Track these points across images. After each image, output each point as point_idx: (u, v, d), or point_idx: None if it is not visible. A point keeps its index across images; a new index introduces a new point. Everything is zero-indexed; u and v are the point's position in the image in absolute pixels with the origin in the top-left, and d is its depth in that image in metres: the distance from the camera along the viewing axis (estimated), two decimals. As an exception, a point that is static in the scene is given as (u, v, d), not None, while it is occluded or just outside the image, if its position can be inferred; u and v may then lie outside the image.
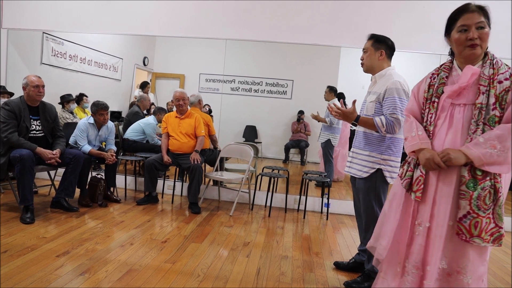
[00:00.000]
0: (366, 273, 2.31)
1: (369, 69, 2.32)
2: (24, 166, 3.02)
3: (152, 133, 4.85)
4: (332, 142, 4.90)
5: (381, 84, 2.23)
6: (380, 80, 2.26)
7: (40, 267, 2.24)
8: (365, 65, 2.32)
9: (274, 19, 4.09)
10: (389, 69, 2.27)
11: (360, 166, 2.28)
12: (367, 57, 2.30)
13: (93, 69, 6.00)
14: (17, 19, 4.43)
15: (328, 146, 4.92)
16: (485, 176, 1.43)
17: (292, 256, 2.80)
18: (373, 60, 2.28)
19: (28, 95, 3.24)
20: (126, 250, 2.64)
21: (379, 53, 2.27)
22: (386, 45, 2.29)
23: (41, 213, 3.28)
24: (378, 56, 2.27)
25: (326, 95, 5.02)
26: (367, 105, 2.28)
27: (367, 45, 2.31)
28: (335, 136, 4.91)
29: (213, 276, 2.34)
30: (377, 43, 2.28)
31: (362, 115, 2.31)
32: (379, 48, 2.27)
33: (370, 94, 2.30)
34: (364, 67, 2.34)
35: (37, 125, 3.34)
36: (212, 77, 7.00)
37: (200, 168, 3.83)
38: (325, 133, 4.94)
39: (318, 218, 3.98)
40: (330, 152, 4.94)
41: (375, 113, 2.21)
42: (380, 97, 2.19)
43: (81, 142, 3.69)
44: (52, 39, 5.07)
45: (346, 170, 2.40)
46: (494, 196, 1.44)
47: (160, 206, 3.93)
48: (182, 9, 4.24)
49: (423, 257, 1.55)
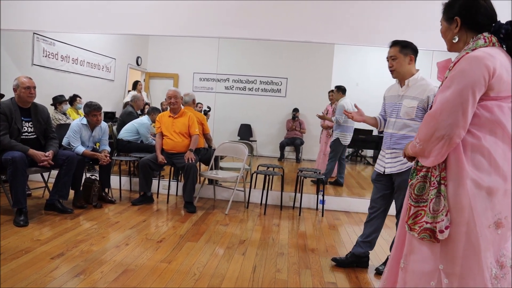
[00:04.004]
0: None
1: (400, 75, 2.37)
2: (17, 169, 2.99)
3: (146, 133, 4.82)
4: (341, 141, 4.84)
5: (419, 90, 2.29)
6: (415, 85, 2.33)
7: (34, 270, 2.22)
8: (396, 71, 2.36)
9: (267, 17, 4.09)
10: (419, 74, 2.36)
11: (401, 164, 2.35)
12: (398, 64, 2.34)
13: (86, 69, 5.95)
14: (6, 19, 4.38)
15: (336, 145, 4.87)
16: (422, 166, 1.42)
17: (288, 253, 2.81)
18: (404, 66, 2.34)
19: (19, 96, 3.21)
20: (122, 250, 2.63)
21: (409, 58, 2.33)
22: (412, 49, 2.35)
23: (35, 216, 3.25)
24: (408, 61, 2.34)
25: (334, 95, 5.02)
26: (406, 109, 2.32)
27: (394, 52, 2.35)
28: (344, 135, 4.85)
29: (209, 274, 2.34)
30: (405, 49, 2.33)
31: (395, 116, 2.38)
32: (407, 53, 2.33)
33: (405, 98, 2.34)
34: (395, 73, 2.38)
35: (29, 127, 3.31)
36: (206, 76, 6.97)
37: (194, 167, 3.82)
38: (335, 132, 4.91)
39: (314, 215, 3.99)
40: (338, 152, 4.88)
41: (416, 117, 2.28)
42: (423, 103, 2.26)
43: (74, 143, 3.67)
44: (43, 39, 5.02)
45: (388, 171, 2.41)
46: (427, 188, 1.39)
47: (155, 206, 3.92)
48: (174, 8, 4.22)
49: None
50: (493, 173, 1.31)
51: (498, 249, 1.34)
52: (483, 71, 1.27)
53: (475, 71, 1.28)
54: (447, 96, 1.31)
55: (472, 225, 1.30)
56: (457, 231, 1.32)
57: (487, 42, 1.34)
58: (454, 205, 1.32)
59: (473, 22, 1.39)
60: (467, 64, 1.30)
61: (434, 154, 1.34)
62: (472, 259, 1.30)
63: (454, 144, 1.31)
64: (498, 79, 1.29)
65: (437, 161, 1.35)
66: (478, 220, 1.30)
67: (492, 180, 1.30)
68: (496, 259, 1.34)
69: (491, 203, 1.30)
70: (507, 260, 1.35)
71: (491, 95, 1.31)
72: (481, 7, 1.38)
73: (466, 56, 1.32)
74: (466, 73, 1.29)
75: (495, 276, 1.33)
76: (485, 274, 1.30)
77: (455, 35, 1.44)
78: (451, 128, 1.29)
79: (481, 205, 1.29)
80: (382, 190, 2.51)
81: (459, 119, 1.28)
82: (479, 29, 1.39)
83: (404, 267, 1.45)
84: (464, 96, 1.28)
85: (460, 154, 1.32)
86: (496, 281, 1.33)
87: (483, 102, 1.32)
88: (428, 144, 1.35)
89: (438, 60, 1.61)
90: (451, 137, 1.29)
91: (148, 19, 4.23)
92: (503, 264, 1.35)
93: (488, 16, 1.38)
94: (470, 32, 1.41)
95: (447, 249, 1.34)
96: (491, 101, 1.32)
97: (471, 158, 1.32)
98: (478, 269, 1.30)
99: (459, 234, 1.31)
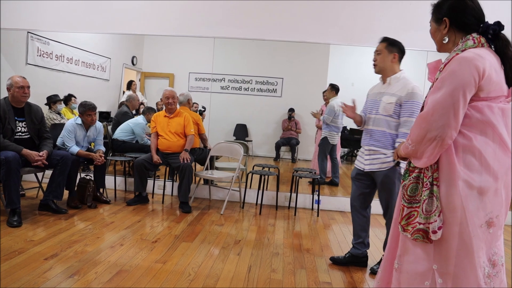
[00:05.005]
0: None
1: (381, 70, 2.41)
2: (10, 169, 2.96)
3: (142, 133, 4.81)
4: (329, 140, 4.88)
5: (399, 87, 2.33)
6: (396, 83, 2.36)
7: (27, 271, 2.20)
8: (378, 66, 2.41)
9: (262, 17, 4.09)
10: (402, 73, 2.39)
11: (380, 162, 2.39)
12: (380, 59, 2.39)
13: (81, 69, 5.92)
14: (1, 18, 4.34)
15: (324, 144, 4.91)
16: (415, 167, 1.43)
17: (283, 253, 2.82)
18: (386, 62, 2.38)
19: (12, 96, 3.19)
20: (116, 251, 2.61)
21: (392, 55, 2.37)
22: (399, 48, 2.39)
23: (29, 216, 3.23)
24: (391, 59, 2.37)
25: (327, 93, 5.03)
26: (385, 105, 2.36)
27: (380, 47, 2.40)
28: (332, 134, 4.89)
29: (204, 275, 2.34)
30: (391, 46, 2.37)
31: (376, 114, 2.41)
32: (392, 51, 2.37)
33: (385, 95, 2.38)
34: (376, 68, 2.43)
35: (23, 126, 3.28)
36: (201, 76, 6.96)
37: (190, 167, 3.81)
38: (324, 131, 4.93)
39: (309, 215, 4.00)
40: (325, 150, 4.93)
41: (394, 114, 2.33)
42: (401, 100, 2.30)
43: (68, 143, 3.64)
44: (37, 38, 4.98)
45: (367, 169, 2.45)
46: (420, 188, 1.40)
47: (150, 206, 3.91)
48: (170, 8, 4.21)
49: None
50: (484, 172, 1.32)
51: (490, 247, 1.35)
52: (473, 72, 1.28)
53: (465, 73, 1.28)
54: (438, 98, 1.31)
55: (464, 225, 1.31)
56: (450, 232, 1.33)
57: (476, 43, 1.36)
58: (447, 206, 1.33)
59: (461, 22, 1.41)
60: (457, 65, 1.31)
61: (427, 155, 1.35)
62: (466, 258, 1.31)
63: (446, 145, 1.32)
64: (487, 79, 1.30)
65: (430, 162, 1.35)
66: (470, 220, 1.31)
67: (483, 180, 1.31)
68: (488, 258, 1.35)
69: (483, 202, 1.32)
70: (499, 258, 1.37)
71: (481, 96, 1.32)
72: (469, 8, 1.40)
73: (456, 57, 1.33)
74: (457, 75, 1.30)
75: (488, 274, 1.34)
76: (478, 273, 1.31)
77: (445, 36, 1.45)
78: (443, 129, 1.29)
79: (473, 205, 1.31)
80: (361, 189, 2.54)
81: (450, 120, 1.29)
82: (468, 29, 1.40)
83: (398, 268, 1.46)
84: (455, 97, 1.29)
85: (452, 155, 1.33)
86: (489, 279, 1.34)
87: (474, 103, 1.33)
88: (421, 146, 1.36)
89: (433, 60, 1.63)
90: (443, 138, 1.30)
91: (143, 18, 4.22)
92: (495, 263, 1.36)
93: (476, 17, 1.40)
94: (459, 33, 1.42)
95: (441, 249, 1.34)
96: (481, 101, 1.33)
97: (462, 158, 1.33)
98: (471, 268, 1.31)
99: (452, 234, 1.32)
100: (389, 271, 1.53)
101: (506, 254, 3.12)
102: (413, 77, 2.43)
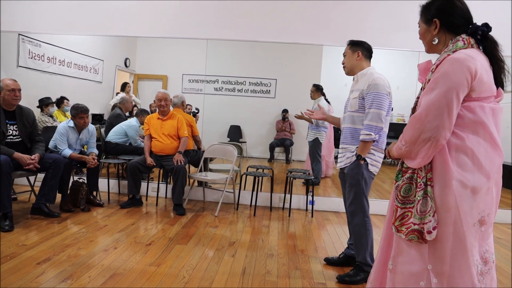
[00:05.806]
0: (358, 265, 2.39)
1: (350, 70, 2.51)
2: (1, 172, 2.93)
3: (135, 135, 4.78)
4: (320, 140, 4.92)
5: (363, 82, 2.40)
6: (362, 78, 2.44)
7: (19, 276, 2.18)
8: (346, 67, 2.52)
9: (255, 18, 4.10)
10: (369, 69, 2.46)
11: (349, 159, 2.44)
12: (346, 60, 2.51)
13: (73, 71, 5.87)
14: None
15: (315, 145, 4.93)
16: (408, 168, 1.44)
17: (277, 254, 2.82)
18: (352, 61, 2.48)
19: (3, 99, 3.16)
20: (110, 254, 2.60)
21: (356, 54, 2.46)
22: (362, 46, 2.48)
23: (21, 220, 3.20)
24: (355, 57, 2.47)
25: (312, 94, 5.05)
26: (351, 101, 2.45)
27: (345, 49, 2.53)
28: (321, 134, 4.93)
29: (198, 277, 2.33)
30: (354, 46, 2.49)
31: (346, 112, 2.49)
32: (355, 50, 2.47)
33: (353, 92, 2.47)
34: (345, 69, 2.54)
35: (14, 130, 3.25)
36: (195, 77, 6.94)
37: (184, 169, 3.80)
38: (312, 132, 4.96)
39: (303, 216, 4.01)
40: (318, 151, 4.95)
41: (359, 108, 2.38)
42: (363, 93, 2.36)
43: (61, 146, 3.61)
44: (28, 41, 4.94)
45: (338, 166, 2.54)
46: (414, 189, 1.40)
47: (144, 208, 3.89)
48: (162, 9, 4.20)
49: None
50: (476, 172, 1.33)
51: (482, 245, 1.37)
52: (465, 73, 1.29)
53: (458, 73, 1.30)
54: (432, 99, 1.32)
55: (459, 225, 1.32)
56: (445, 231, 1.33)
57: (466, 44, 1.37)
58: (441, 206, 1.34)
59: (451, 23, 1.42)
60: (450, 66, 1.32)
61: (421, 156, 1.35)
62: (460, 257, 1.32)
63: (440, 145, 1.33)
64: (479, 80, 1.32)
65: (424, 163, 1.36)
66: (464, 219, 1.32)
67: (476, 179, 1.33)
68: (480, 256, 1.37)
69: (476, 201, 1.33)
70: (490, 255, 1.39)
71: (473, 96, 1.34)
72: (457, 9, 1.41)
73: (448, 58, 1.34)
74: (450, 76, 1.31)
75: (481, 272, 1.35)
76: (472, 272, 1.32)
77: (435, 37, 1.46)
78: (437, 130, 1.30)
79: (467, 205, 1.32)
80: (344, 186, 2.57)
81: (445, 121, 1.30)
82: (457, 30, 1.42)
83: (392, 268, 1.46)
84: (449, 98, 1.30)
85: (446, 155, 1.34)
86: (482, 277, 1.35)
87: (466, 103, 1.34)
88: (415, 146, 1.36)
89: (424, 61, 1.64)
90: (438, 139, 1.31)
91: (136, 20, 4.20)
92: (487, 260, 1.38)
93: (464, 17, 1.41)
94: (448, 34, 1.44)
95: (435, 249, 1.35)
96: (473, 102, 1.34)
97: (455, 158, 1.34)
98: (466, 267, 1.32)
99: (447, 234, 1.33)
100: (383, 272, 1.54)
101: (496, 251, 3.16)
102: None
